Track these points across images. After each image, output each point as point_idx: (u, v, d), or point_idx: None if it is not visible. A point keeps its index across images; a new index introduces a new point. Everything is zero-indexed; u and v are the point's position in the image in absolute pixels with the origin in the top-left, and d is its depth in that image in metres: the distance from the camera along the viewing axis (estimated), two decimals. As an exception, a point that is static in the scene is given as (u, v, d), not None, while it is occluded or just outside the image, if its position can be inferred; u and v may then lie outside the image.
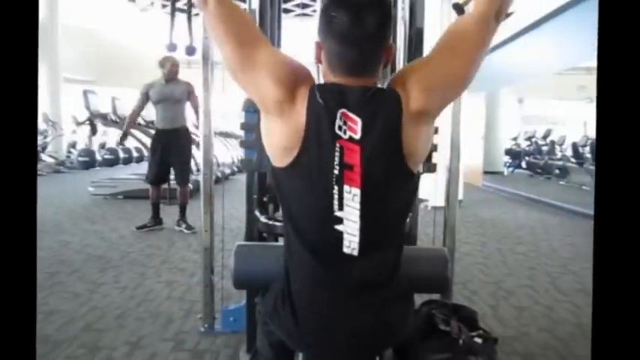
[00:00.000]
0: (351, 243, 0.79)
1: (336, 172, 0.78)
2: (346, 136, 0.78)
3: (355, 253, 0.79)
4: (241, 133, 1.75)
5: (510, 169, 10.49)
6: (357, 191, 0.78)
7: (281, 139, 0.80)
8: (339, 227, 0.79)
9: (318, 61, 0.86)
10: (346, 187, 0.78)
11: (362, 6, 0.78)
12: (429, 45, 2.04)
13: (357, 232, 0.79)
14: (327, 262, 0.80)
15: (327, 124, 0.78)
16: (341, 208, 0.78)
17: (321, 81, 0.87)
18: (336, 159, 0.78)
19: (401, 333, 0.86)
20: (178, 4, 2.01)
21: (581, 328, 2.08)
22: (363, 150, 0.78)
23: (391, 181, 0.80)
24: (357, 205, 0.78)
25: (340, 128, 0.78)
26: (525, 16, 5.72)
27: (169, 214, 4.84)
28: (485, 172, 8.30)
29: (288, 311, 0.82)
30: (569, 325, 2.13)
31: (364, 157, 0.78)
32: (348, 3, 0.79)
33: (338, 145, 0.78)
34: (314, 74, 0.89)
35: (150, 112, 4.23)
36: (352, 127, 0.78)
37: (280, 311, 0.83)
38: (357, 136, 0.78)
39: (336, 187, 0.78)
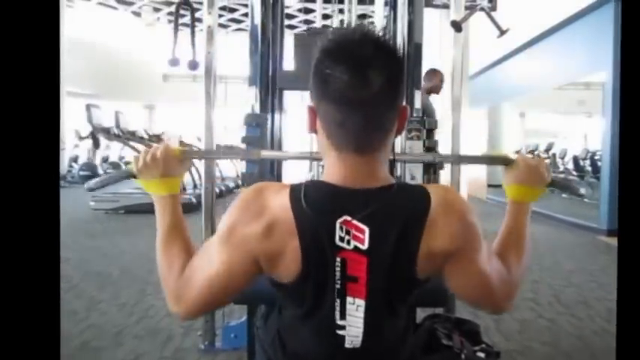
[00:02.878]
0: (353, 342, 0.71)
1: (337, 286, 0.68)
2: (350, 247, 0.67)
3: (358, 346, 0.72)
4: (243, 146, 1.76)
5: None
6: (361, 302, 0.69)
7: (277, 274, 0.71)
8: (340, 332, 0.71)
9: (312, 129, 0.72)
10: (349, 299, 0.69)
11: (365, 59, 0.64)
12: (427, 60, 2.08)
13: (360, 334, 0.71)
14: (327, 355, 0.73)
15: (325, 238, 0.66)
16: (343, 317, 0.70)
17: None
18: (338, 274, 0.67)
19: (402, 351, 0.84)
20: (182, 20, 2.05)
21: (583, 341, 2.07)
22: (370, 261, 0.67)
23: (401, 285, 0.71)
24: (361, 315, 0.69)
25: (342, 239, 0.66)
26: (525, 33, 5.81)
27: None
28: (490, 186, 8.31)
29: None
30: (572, 338, 2.11)
31: (371, 269, 0.67)
32: (347, 56, 0.64)
33: (339, 258, 0.67)
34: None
35: (154, 125, 4.26)
36: (358, 236, 0.66)
37: (279, 352, 0.78)
38: (364, 247, 0.66)
39: (338, 300, 0.69)
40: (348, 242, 0.66)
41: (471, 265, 0.71)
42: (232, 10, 12.17)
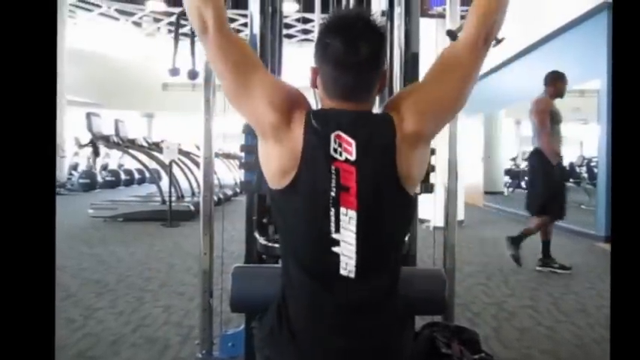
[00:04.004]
0: (347, 265, 0.79)
1: (332, 194, 0.79)
2: (342, 158, 0.79)
3: (352, 275, 0.79)
4: (242, 154, 1.77)
5: (510, 189, 10.55)
6: (353, 214, 0.79)
7: (278, 162, 0.82)
8: (335, 249, 0.79)
9: (314, 86, 0.88)
10: (342, 210, 0.79)
11: (357, 33, 0.81)
12: (424, 69, 2.10)
13: (353, 255, 0.79)
14: (324, 284, 0.81)
15: (323, 147, 0.79)
16: (337, 230, 0.79)
17: (319, 105, 0.89)
18: (333, 181, 0.79)
19: (400, 356, 0.85)
20: (182, 30, 2.07)
21: (583, 349, 2.06)
22: (358, 171, 0.79)
23: (387, 203, 0.81)
24: (354, 228, 0.79)
25: (336, 150, 0.79)
26: (520, 41, 5.86)
27: (168, 234, 4.83)
28: (486, 193, 8.34)
29: (286, 336, 0.81)
30: (571, 346, 2.10)
31: (360, 179, 0.79)
32: (343, 30, 0.81)
33: (334, 167, 0.79)
34: (311, 99, 0.90)
35: (153, 134, 4.27)
36: (347, 148, 0.79)
37: (277, 336, 0.83)
38: (353, 158, 0.79)
39: (332, 210, 0.79)
40: (340, 154, 0.79)
41: (441, 107, 0.86)
42: (232, 21, 12.30)
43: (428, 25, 5.27)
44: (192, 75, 1.90)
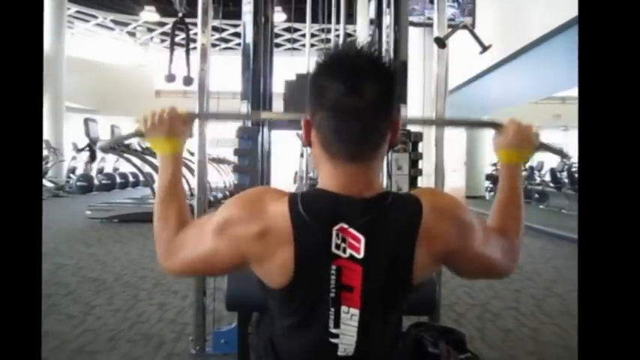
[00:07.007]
0: (346, 349, 0.71)
1: (332, 295, 0.68)
2: (346, 255, 0.67)
3: (350, 354, 0.72)
4: (234, 158, 1.85)
5: (492, 193, 10.69)
6: (355, 311, 0.69)
7: (272, 276, 0.70)
8: (334, 340, 0.71)
9: (308, 142, 0.74)
10: (344, 308, 0.69)
11: (360, 71, 0.66)
12: (413, 76, 2.19)
13: (353, 343, 0.71)
14: None
15: (322, 246, 0.67)
16: (337, 326, 0.70)
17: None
18: (332, 282, 0.68)
19: None
20: (176, 39, 2.16)
21: (568, 351, 2.09)
22: (365, 271, 0.67)
23: (395, 298, 0.73)
24: (355, 324, 0.70)
25: (338, 247, 0.67)
26: (503, 49, 5.98)
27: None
28: (468, 197, 8.42)
29: None
30: (556, 347, 2.13)
31: (366, 279, 0.68)
32: (341, 69, 0.67)
33: (334, 267, 0.67)
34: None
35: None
36: (354, 244, 0.67)
37: None
38: (360, 256, 0.67)
39: (332, 309, 0.69)
40: (344, 250, 0.67)
41: (470, 254, 0.74)
42: (222, 30, 12.58)
43: (417, 35, 5.38)
44: (187, 81, 1.98)
